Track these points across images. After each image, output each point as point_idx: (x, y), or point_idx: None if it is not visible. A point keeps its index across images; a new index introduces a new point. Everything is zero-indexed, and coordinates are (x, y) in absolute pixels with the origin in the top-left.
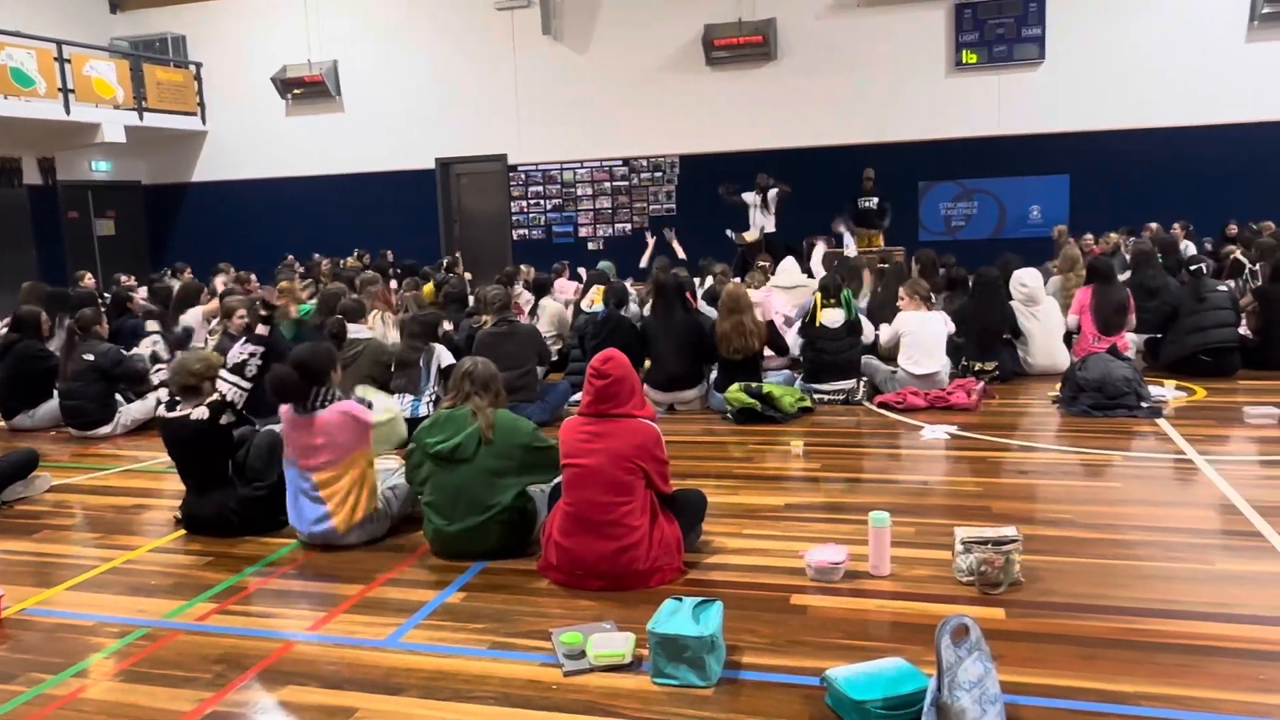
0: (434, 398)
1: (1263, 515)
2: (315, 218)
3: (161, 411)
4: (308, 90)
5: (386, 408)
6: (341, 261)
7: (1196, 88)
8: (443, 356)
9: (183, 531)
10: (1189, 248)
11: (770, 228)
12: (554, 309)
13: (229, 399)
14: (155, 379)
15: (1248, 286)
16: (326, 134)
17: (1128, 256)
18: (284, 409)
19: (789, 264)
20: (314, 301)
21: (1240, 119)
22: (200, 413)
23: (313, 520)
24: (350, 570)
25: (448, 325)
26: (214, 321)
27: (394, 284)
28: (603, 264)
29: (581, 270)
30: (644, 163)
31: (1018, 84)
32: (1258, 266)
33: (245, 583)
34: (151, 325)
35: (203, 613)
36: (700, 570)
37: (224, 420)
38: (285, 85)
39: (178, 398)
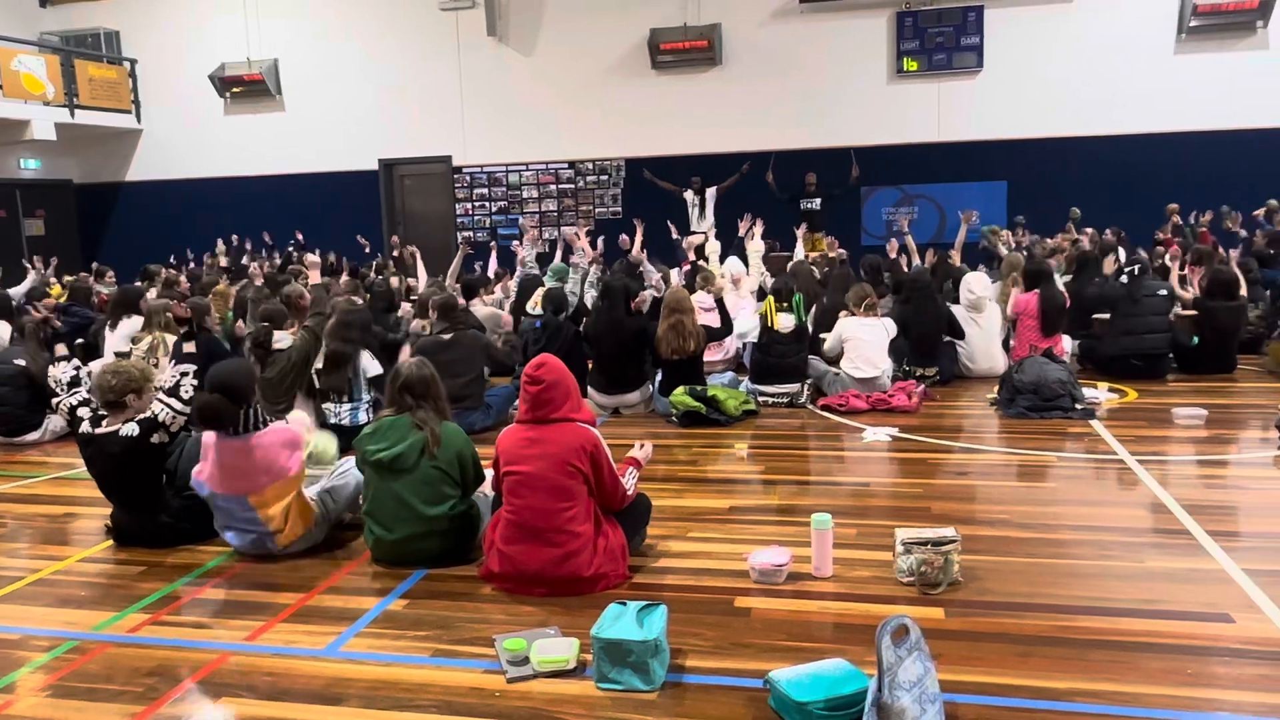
0: (372, 403)
1: (1191, 514)
2: (254, 219)
3: (86, 428)
4: (247, 89)
5: (316, 442)
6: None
7: (1127, 98)
8: (368, 366)
9: (113, 541)
10: (1121, 254)
11: (709, 225)
12: (484, 313)
13: (161, 419)
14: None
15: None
16: (266, 133)
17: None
18: (210, 436)
19: (732, 263)
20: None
21: (1169, 129)
22: (129, 429)
23: (251, 540)
24: (288, 579)
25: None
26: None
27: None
28: (555, 265)
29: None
30: (590, 166)
31: (957, 92)
32: (1185, 271)
33: (179, 593)
34: (60, 349)
35: (134, 624)
36: (645, 574)
37: (155, 439)
38: (224, 83)
39: (103, 412)
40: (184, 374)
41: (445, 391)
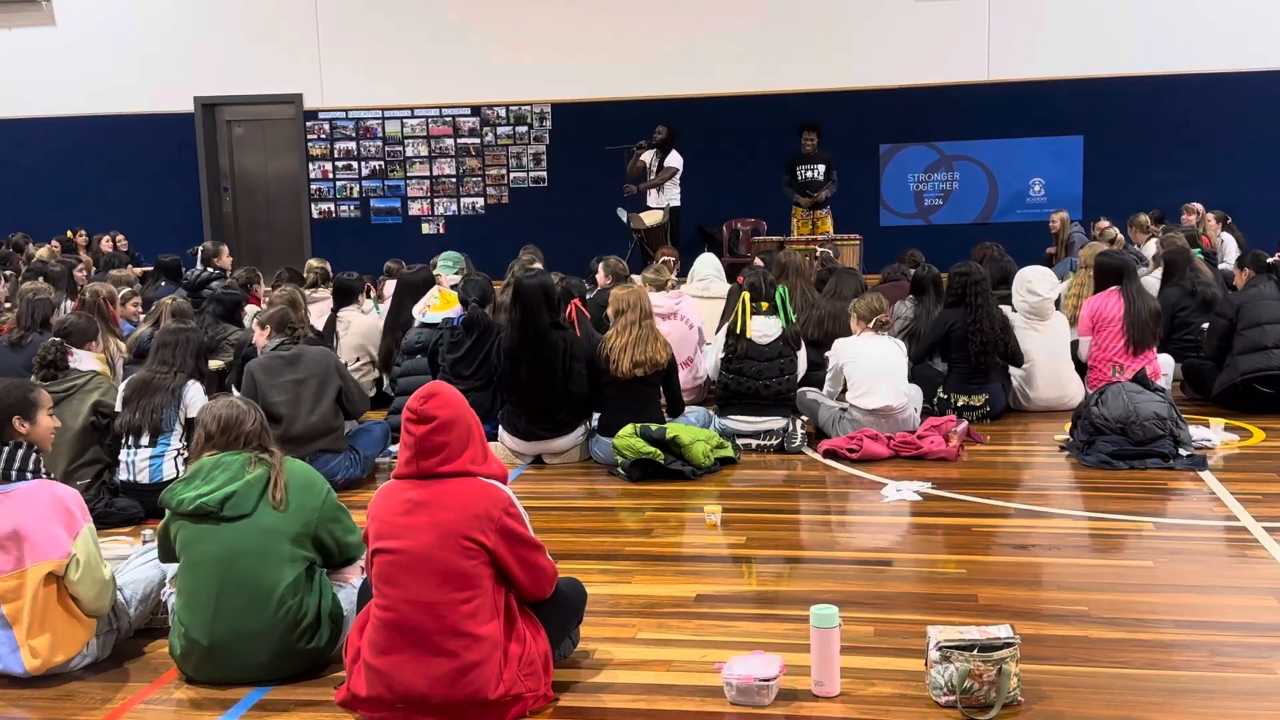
0: (180, 453)
1: None
2: (5, 182)
3: None
4: None
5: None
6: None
7: (1253, 22)
8: (195, 402)
9: None
10: (1229, 245)
11: (676, 201)
12: (362, 324)
13: None
14: None
15: None
16: (27, 57)
17: (1149, 254)
18: None
19: (708, 263)
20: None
21: None
22: None
23: None
24: (50, 712)
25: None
26: None
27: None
28: (448, 254)
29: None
30: (502, 112)
31: (1015, 14)
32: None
33: None
34: None
35: None
36: (576, 694)
37: None
38: None
39: None
40: None
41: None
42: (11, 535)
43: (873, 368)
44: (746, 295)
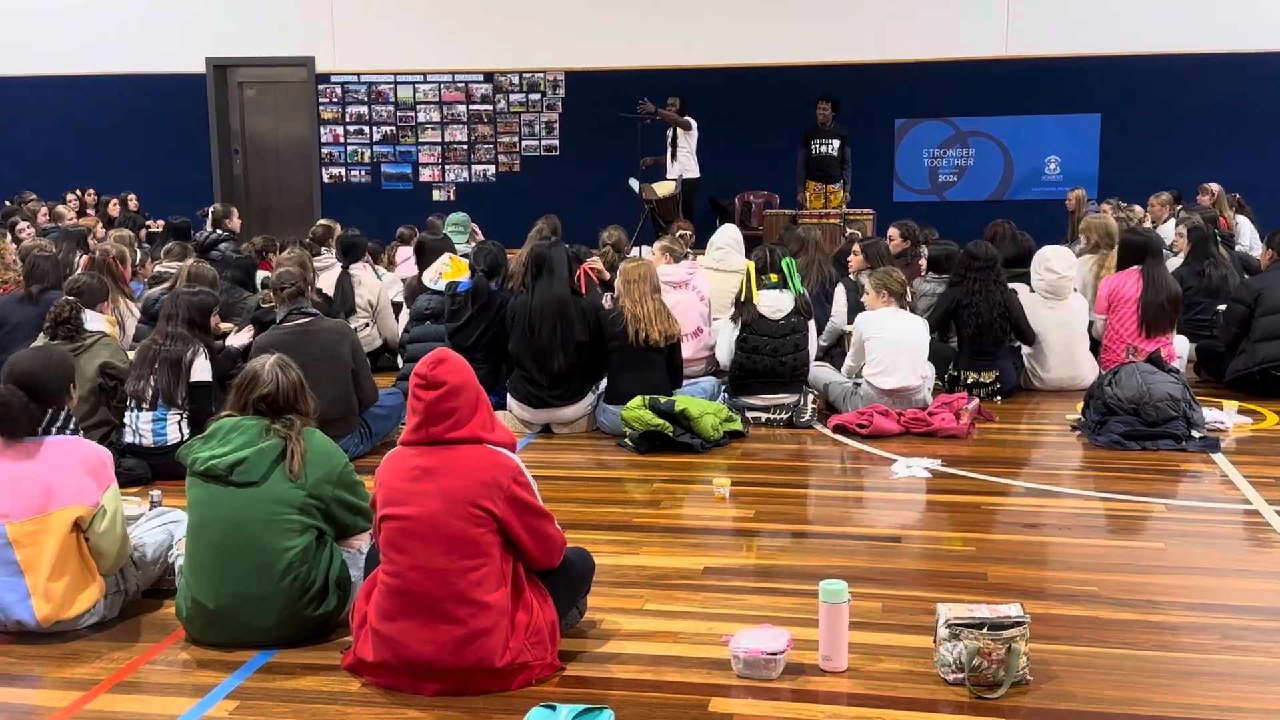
0: (188, 416)
1: None
2: (16, 140)
3: None
4: None
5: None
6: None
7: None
8: (197, 369)
9: None
10: (1243, 226)
11: (691, 172)
12: (373, 284)
13: None
14: None
15: None
16: (36, 16)
17: (1171, 235)
18: None
19: (727, 234)
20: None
21: None
22: None
23: (4, 602)
24: (57, 671)
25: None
26: None
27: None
28: (454, 216)
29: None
30: (515, 79)
31: None
32: None
33: None
34: None
35: None
36: (583, 664)
37: None
38: None
39: None
40: None
41: (315, 406)
42: (39, 481)
43: (895, 345)
44: (752, 267)
